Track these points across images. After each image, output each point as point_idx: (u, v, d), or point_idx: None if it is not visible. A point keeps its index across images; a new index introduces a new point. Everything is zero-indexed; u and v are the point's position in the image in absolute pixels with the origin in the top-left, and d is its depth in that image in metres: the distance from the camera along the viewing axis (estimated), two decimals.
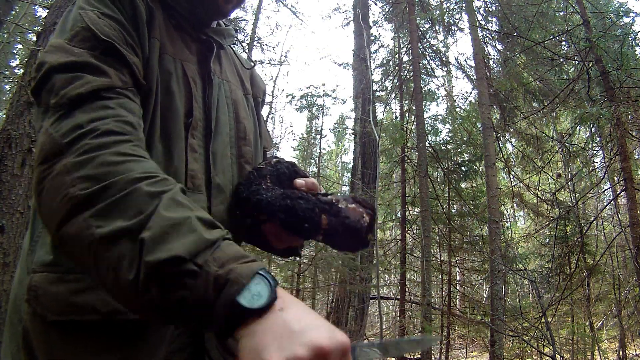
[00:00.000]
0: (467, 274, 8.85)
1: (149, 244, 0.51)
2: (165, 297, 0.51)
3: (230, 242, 0.56)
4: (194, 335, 0.80)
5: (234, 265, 0.52)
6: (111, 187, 0.55)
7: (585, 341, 5.91)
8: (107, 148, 0.58)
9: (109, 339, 0.68)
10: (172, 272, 0.51)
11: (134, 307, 0.55)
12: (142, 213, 0.53)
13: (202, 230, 0.54)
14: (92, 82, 0.63)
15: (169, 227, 0.53)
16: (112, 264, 0.52)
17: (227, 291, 0.50)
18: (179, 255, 0.51)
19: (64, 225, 0.55)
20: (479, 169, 7.18)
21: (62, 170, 0.56)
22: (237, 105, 0.94)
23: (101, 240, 0.53)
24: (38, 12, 8.49)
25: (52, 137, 0.59)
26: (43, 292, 0.67)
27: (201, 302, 0.51)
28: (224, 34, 0.97)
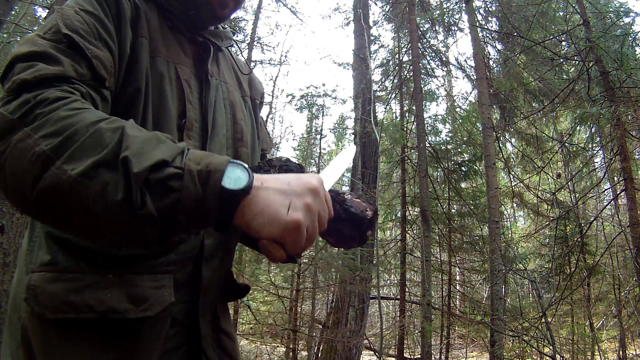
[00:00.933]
0: (467, 274, 8.85)
1: (132, 159, 0.55)
2: (159, 204, 0.55)
3: (194, 150, 0.60)
4: (190, 334, 0.81)
5: (208, 160, 0.58)
6: (75, 134, 0.57)
7: (585, 341, 5.91)
8: (58, 109, 0.60)
9: (105, 337, 0.69)
10: (159, 179, 0.55)
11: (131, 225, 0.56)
12: (109, 144, 0.57)
13: (169, 142, 0.59)
14: (42, 69, 0.65)
15: (142, 142, 0.57)
16: (98, 194, 0.55)
17: (212, 180, 0.56)
18: (162, 159, 0.56)
19: (37, 183, 0.56)
20: (479, 169, 7.18)
21: (21, 138, 0.57)
22: (235, 106, 0.95)
23: (80, 178, 0.55)
24: (38, 12, 8.48)
25: (2, 115, 0.60)
26: (41, 291, 0.68)
27: (193, 199, 0.55)
28: (221, 36, 0.98)
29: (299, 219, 0.58)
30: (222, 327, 0.91)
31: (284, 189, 0.60)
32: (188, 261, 0.80)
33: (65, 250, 0.71)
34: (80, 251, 0.70)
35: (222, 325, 0.91)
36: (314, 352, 6.97)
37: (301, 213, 0.59)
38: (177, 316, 0.78)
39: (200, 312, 0.82)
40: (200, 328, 0.81)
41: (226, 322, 0.93)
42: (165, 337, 0.75)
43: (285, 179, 0.62)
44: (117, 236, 0.59)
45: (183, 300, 0.80)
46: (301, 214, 0.59)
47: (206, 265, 0.83)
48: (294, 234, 0.58)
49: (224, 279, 0.92)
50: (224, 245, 0.88)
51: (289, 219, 0.58)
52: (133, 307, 0.69)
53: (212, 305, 0.87)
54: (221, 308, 0.93)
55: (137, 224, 0.56)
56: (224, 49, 1.02)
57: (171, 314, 0.76)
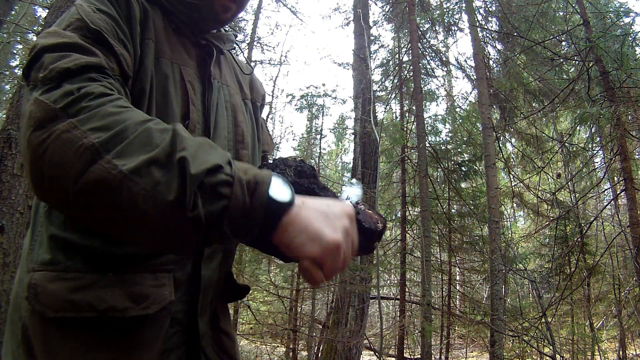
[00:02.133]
0: (467, 274, 8.85)
1: (190, 160, 0.55)
2: (209, 209, 0.55)
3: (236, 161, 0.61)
4: (189, 333, 0.81)
5: (255, 171, 0.59)
6: (124, 131, 0.57)
7: (585, 341, 5.91)
8: (105, 104, 0.60)
9: (105, 336, 0.69)
10: (212, 183, 0.55)
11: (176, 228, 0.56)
12: (160, 144, 0.57)
13: (219, 148, 0.61)
14: (81, 59, 0.65)
15: (197, 145, 0.58)
16: (148, 192, 0.54)
17: (260, 191, 0.57)
18: (218, 164, 0.57)
19: (82, 175, 0.55)
20: (479, 169, 7.18)
21: (67, 129, 0.57)
22: (236, 109, 0.95)
23: (131, 175, 0.54)
24: (38, 12, 8.49)
25: (43, 104, 0.59)
26: (42, 290, 0.68)
27: (240, 208, 0.56)
28: (224, 39, 0.99)
29: (339, 241, 0.58)
30: (222, 327, 0.91)
31: (325, 210, 0.61)
32: (187, 261, 0.81)
33: (66, 250, 0.71)
34: (80, 250, 0.70)
35: (221, 325, 0.91)
36: (314, 352, 6.98)
37: (341, 235, 0.59)
38: (177, 315, 0.79)
39: (199, 311, 0.82)
40: (199, 327, 0.82)
41: (226, 322, 0.93)
42: (165, 336, 0.76)
43: (324, 201, 0.63)
44: (157, 238, 0.59)
45: (183, 299, 0.80)
46: (341, 236, 0.59)
47: (206, 265, 0.83)
48: (334, 255, 0.58)
49: (224, 280, 0.92)
50: (224, 246, 0.88)
51: (331, 239, 0.58)
52: (133, 306, 0.70)
53: (211, 305, 0.87)
54: (221, 308, 0.93)
55: (184, 227, 0.56)
56: (225, 52, 1.02)
57: (171, 313, 0.77)
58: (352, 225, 0.63)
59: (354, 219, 0.64)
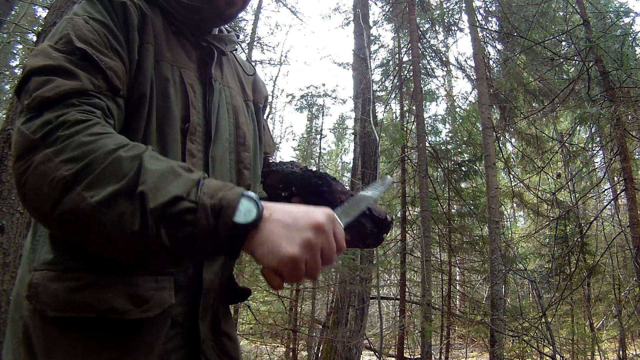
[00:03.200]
0: (467, 274, 8.85)
1: (148, 194, 0.58)
2: (173, 237, 0.58)
3: (210, 179, 0.63)
4: (190, 336, 0.81)
5: (222, 194, 0.61)
6: (94, 161, 0.60)
7: (585, 341, 5.91)
8: (79, 133, 0.62)
9: (105, 337, 0.69)
10: (174, 213, 0.57)
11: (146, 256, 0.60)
12: (128, 174, 0.59)
13: (185, 174, 0.62)
14: (62, 85, 0.66)
15: (158, 176, 0.60)
16: (114, 223, 0.58)
17: (224, 215, 0.59)
18: (177, 195, 0.58)
19: (57, 206, 0.59)
20: (479, 169, 7.18)
21: (42, 160, 0.60)
22: (237, 111, 0.95)
23: (99, 207, 0.58)
24: (38, 12, 8.49)
25: (24, 134, 0.62)
26: (43, 289, 0.69)
27: (205, 232, 0.58)
28: (225, 41, 0.98)
29: (294, 254, 0.60)
30: (223, 330, 0.91)
31: (289, 223, 0.62)
32: (188, 264, 0.81)
33: (68, 250, 0.71)
34: (82, 251, 0.70)
35: (222, 328, 0.91)
36: (314, 352, 6.98)
37: (298, 249, 0.60)
38: (178, 318, 0.79)
39: (201, 314, 0.82)
40: (199, 330, 0.82)
41: (227, 324, 0.93)
42: (165, 339, 0.76)
43: (294, 212, 0.64)
44: (131, 257, 0.63)
45: (183, 302, 0.80)
46: (298, 249, 0.60)
47: (207, 269, 0.83)
48: (290, 267, 0.60)
49: (225, 282, 0.92)
50: None
51: (285, 253, 0.60)
52: (133, 308, 0.70)
53: (212, 308, 0.87)
54: (222, 310, 0.92)
55: (150, 252, 0.60)
56: (228, 53, 1.02)
57: (171, 316, 0.77)
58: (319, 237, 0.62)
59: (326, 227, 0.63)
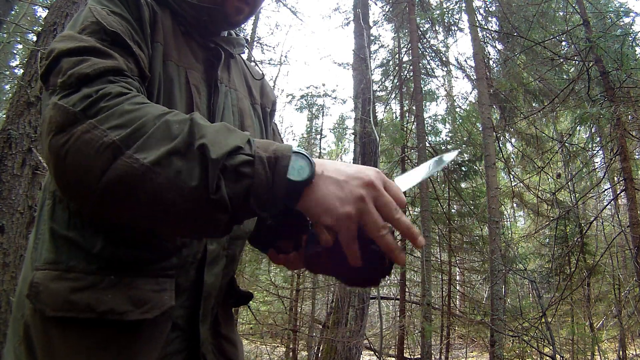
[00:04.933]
0: (467, 274, 8.86)
1: (209, 145, 0.57)
2: (233, 189, 0.57)
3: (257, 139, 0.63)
4: (191, 339, 0.81)
5: (274, 147, 0.61)
6: (143, 126, 0.59)
7: (585, 341, 5.91)
8: (122, 103, 0.61)
9: (105, 338, 0.69)
10: (234, 165, 0.58)
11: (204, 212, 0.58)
12: (180, 134, 0.59)
13: (237, 130, 0.63)
14: (99, 63, 0.65)
15: (214, 132, 0.60)
16: (171, 181, 0.56)
17: (279, 167, 0.59)
18: (237, 145, 0.59)
19: (105, 172, 0.56)
20: (479, 169, 7.18)
21: (87, 129, 0.58)
22: (243, 113, 0.94)
23: (153, 167, 0.56)
24: (38, 12, 8.50)
25: (62, 108, 0.60)
26: (43, 289, 0.69)
27: (263, 185, 0.58)
28: (234, 43, 0.98)
29: (349, 213, 0.60)
30: (223, 333, 0.90)
31: (340, 180, 0.62)
32: (190, 266, 0.80)
33: (69, 249, 0.71)
34: (83, 251, 0.70)
35: (223, 331, 0.90)
36: (314, 352, 6.98)
37: (353, 206, 0.60)
38: (178, 321, 0.78)
39: (201, 317, 0.82)
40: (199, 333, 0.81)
41: (228, 327, 0.93)
42: (165, 341, 0.76)
43: (344, 169, 0.64)
44: (186, 223, 0.61)
45: (184, 305, 0.80)
46: (353, 207, 0.60)
47: (209, 271, 0.82)
48: (347, 224, 0.60)
49: (226, 286, 0.91)
50: (228, 252, 0.87)
51: (341, 210, 0.60)
52: (133, 309, 0.70)
53: (213, 311, 0.87)
54: (223, 314, 0.92)
55: (210, 210, 0.58)
56: (236, 56, 1.01)
57: (171, 318, 0.76)
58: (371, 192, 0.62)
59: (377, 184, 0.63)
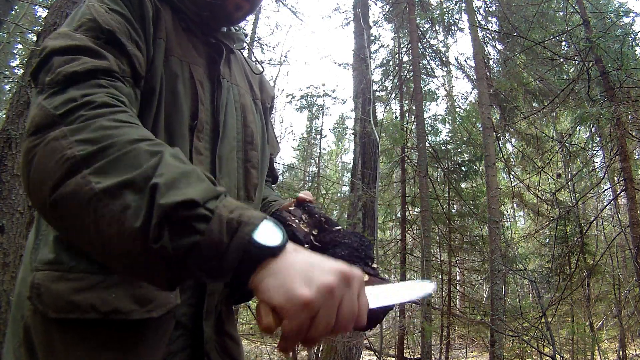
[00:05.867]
0: (467, 274, 8.85)
1: (162, 188, 0.51)
2: (177, 243, 0.49)
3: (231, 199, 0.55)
4: (194, 337, 0.80)
5: (242, 211, 0.53)
6: (110, 147, 0.54)
7: (585, 341, 5.91)
8: (102, 116, 0.58)
9: (108, 338, 0.68)
10: (185, 216, 0.50)
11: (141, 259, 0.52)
12: (143, 167, 0.53)
13: (209, 183, 0.55)
14: (89, 62, 0.64)
15: (179, 174, 0.53)
16: (115, 216, 0.51)
17: (242, 232, 0.50)
18: (193, 199, 0.50)
19: (59, 186, 0.53)
20: (479, 169, 7.17)
21: (57, 136, 0.55)
22: (246, 109, 0.94)
23: (103, 195, 0.51)
24: (38, 12, 8.49)
25: (44, 109, 0.58)
26: (45, 290, 0.68)
27: (214, 246, 0.50)
28: (234, 39, 0.97)
29: (307, 298, 0.48)
30: (227, 331, 0.90)
31: (314, 262, 0.52)
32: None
33: (70, 250, 0.70)
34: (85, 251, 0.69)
35: (226, 329, 0.90)
36: (314, 352, 6.97)
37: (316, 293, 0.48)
38: (182, 319, 0.78)
39: (205, 315, 0.81)
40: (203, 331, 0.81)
41: (231, 325, 0.93)
42: (169, 339, 0.75)
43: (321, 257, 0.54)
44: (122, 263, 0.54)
45: (188, 303, 0.79)
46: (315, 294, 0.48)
47: None
48: (298, 311, 0.48)
49: (229, 283, 0.91)
50: None
51: (300, 292, 0.48)
52: (137, 308, 0.69)
53: (217, 309, 0.87)
54: (226, 311, 0.92)
55: (148, 259, 0.51)
56: (235, 51, 1.01)
57: (175, 316, 0.76)
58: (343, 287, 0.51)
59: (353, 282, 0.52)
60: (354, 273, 0.52)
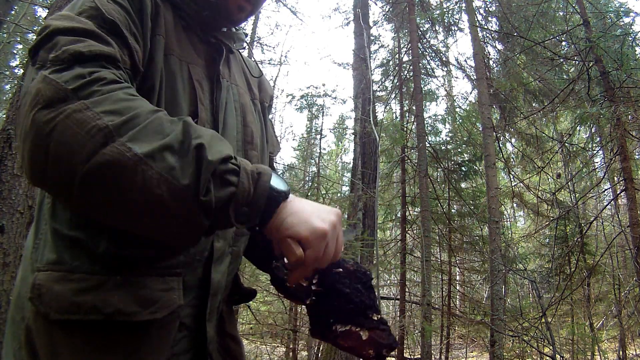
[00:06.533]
0: (467, 274, 8.85)
1: (207, 147, 0.59)
2: (219, 194, 0.58)
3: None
4: (197, 338, 0.80)
5: (257, 165, 0.65)
6: (137, 117, 0.59)
7: (585, 341, 5.91)
8: (117, 90, 0.60)
9: (112, 340, 0.68)
10: (223, 170, 0.59)
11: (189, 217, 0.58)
12: (172, 133, 0.59)
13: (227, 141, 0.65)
14: (96, 46, 0.64)
15: (210, 136, 0.61)
16: (163, 177, 0.56)
17: (262, 180, 0.63)
18: (229, 154, 0.61)
19: (93, 156, 0.55)
20: (479, 169, 7.17)
21: (79, 108, 0.56)
22: (245, 109, 0.94)
23: (146, 158, 0.56)
24: (38, 12, 8.49)
25: (54, 82, 0.58)
26: (47, 291, 0.67)
27: (245, 194, 0.61)
28: (234, 38, 0.97)
29: (326, 229, 0.64)
30: (228, 331, 0.90)
31: (315, 206, 0.67)
32: (197, 264, 0.79)
33: (72, 249, 0.69)
34: (87, 251, 0.69)
35: (227, 329, 0.90)
36: (314, 352, 6.97)
37: (329, 226, 0.65)
38: (185, 320, 0.78)
39: (208, 316, 0.81)
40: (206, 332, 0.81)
41: (232, 325, 0.93)
42: (173, 341, 0.75)
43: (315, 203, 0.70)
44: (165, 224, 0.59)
45: (191, 304, 0.79)
46: (329, 226, 0.65)
47: (215, 269, 0.82)
48: (320, 241, 0.63)
49: (231, 283, 0.91)
50: (233, 249, 0.87)
51: (319, 225, 0.64)
52: (141, 310, 0.68)
53: (218, 309, 0.87)
54: (227, 311, 0.92)
55: (196, 211, 0.58)
56: (235, 51, 1.01)
57: (179, 318, 0.75)
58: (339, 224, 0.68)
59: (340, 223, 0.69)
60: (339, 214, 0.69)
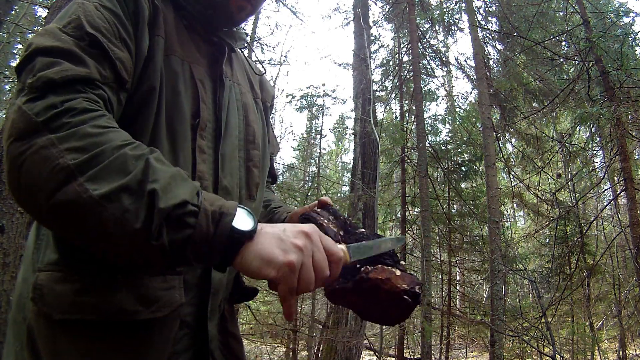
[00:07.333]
0: (467, 274, 8.85)
1: (160, 193, 0.58)
2: (173, 238, 0.58)
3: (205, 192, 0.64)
4: (198, 336, 0.80)
5: (220, 202, 0.62)
6: (100, 154, 0.59)
7: (585, 341, 5.91)
8: (85, 123, 0.60)
9: (114, 339, 0.68)
10: (179, 214, 0.58)
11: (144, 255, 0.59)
12: (133, 171, 0.59)
13: (190, 180, 0.63)
14: (69, 70, 0.64)
15: (169, 178, 0.60)
16: (116, 219, 0.56)
17: (224, 221, 0.60)
18: (185, 200, 0.59)
19: (55, 194, 0.56)
20: (479, 169, 7.17)
21: (45, 145, 0.57)
22: (247, 108, 0.94)
23: (101, 200, 0.56)
24: (38, 12, 8.50)
25: (25, 114, 0.60)
26: (48, 291, 0.67)
27: (204, 236, 0.59)
28: (236, 37, 0.97)
29: (290, 260, 0.61)
30: (230, 330, 0.90)
31: (279, 234, 0.64)
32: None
33: (74, 250, 0.69)
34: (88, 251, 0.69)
35: (229, 328, 0.90)
36: (314, 352, 6.97)
37: (293, 255, 0.62)
38: (186, 318, 0.78)
39: (209, 314, 0.81)
40: (208, 330, 0.81)
41: (233, 324, 0.93)
42: (174, 339, 0.75)
43: (281, 225, 0.66)
44: (124, 257, 0.61)
45: (192, 302, 0.79)
46: (294, 255, 0.61)
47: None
48: (288, 274, 0.61)
49: (232, 282, 0.91)
50: None
51: (282, 260, 0.61)
52: (142, 309, 0.69)
53: (220, 308, 0.87)
54: (228, 310, 0.92)
55: (148, 253, 0.58)
56: (237, 50, 1.01)
57: (180, 316, 0.76)
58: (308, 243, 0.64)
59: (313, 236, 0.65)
60: (310, 229, 0.65)
